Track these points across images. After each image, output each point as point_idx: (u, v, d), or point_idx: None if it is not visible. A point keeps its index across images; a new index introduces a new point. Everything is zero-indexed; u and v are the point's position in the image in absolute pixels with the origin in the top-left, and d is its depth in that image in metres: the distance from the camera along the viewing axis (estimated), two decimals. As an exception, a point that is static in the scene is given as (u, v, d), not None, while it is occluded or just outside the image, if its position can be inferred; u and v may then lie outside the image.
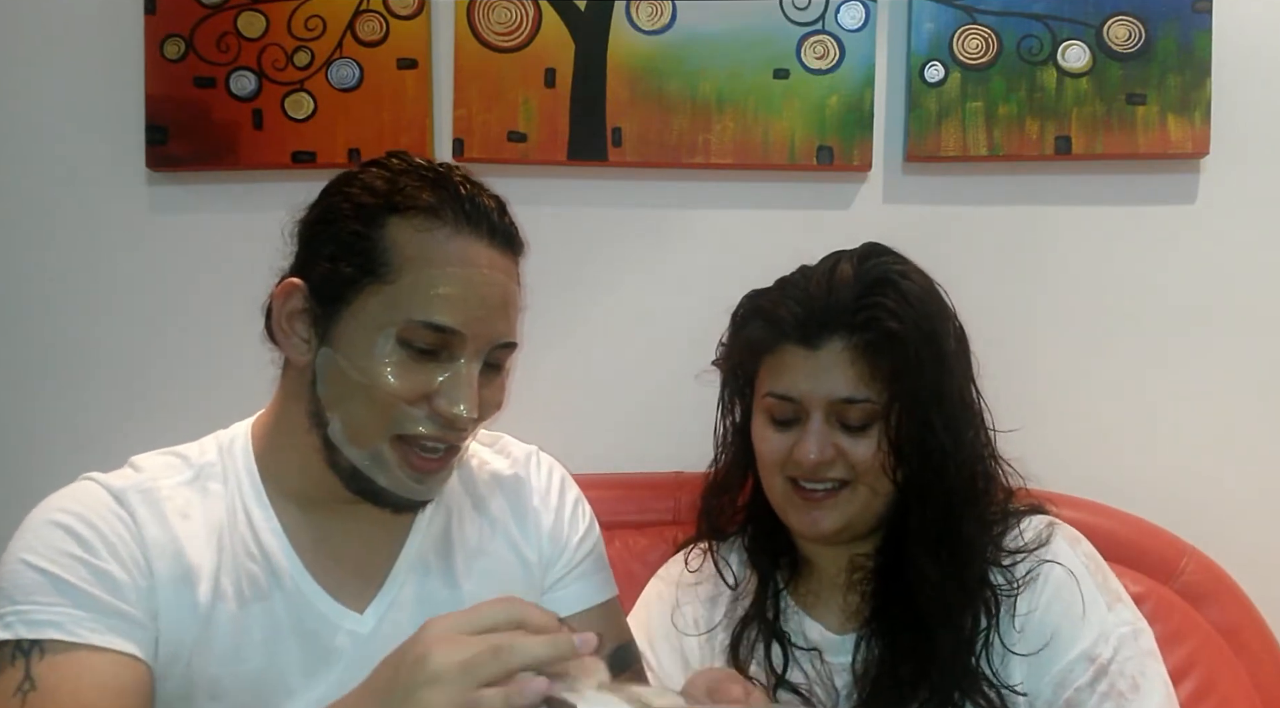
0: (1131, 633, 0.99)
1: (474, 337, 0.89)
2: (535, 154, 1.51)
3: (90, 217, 1.56)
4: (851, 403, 1.00)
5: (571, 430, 1.49)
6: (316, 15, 1.51)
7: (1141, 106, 1.47)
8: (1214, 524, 1.45)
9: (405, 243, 0.88)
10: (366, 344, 0.88)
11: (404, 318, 0.87)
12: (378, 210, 0.90)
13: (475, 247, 0.90)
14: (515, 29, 1.51)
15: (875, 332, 1.00)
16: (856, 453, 1.01)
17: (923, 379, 1.00)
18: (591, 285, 1.55)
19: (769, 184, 1.54)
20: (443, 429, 0.89)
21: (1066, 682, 0.97)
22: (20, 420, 1.56)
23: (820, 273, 1.05)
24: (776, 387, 1.04)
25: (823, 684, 1.04)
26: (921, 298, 1.02)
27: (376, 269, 0.88)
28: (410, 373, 0.88)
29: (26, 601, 0.82)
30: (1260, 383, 1.51)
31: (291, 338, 0.91)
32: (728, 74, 1.50)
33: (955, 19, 1.48)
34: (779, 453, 1.04)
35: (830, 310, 1.01)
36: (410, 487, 0.91)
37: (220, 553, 0.90)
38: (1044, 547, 1.02)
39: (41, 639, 0.81)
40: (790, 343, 1.03)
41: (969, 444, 1.03)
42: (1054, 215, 1.52)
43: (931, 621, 0.99)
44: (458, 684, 0.65)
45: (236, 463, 0.95)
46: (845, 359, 1.00)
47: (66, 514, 0.87)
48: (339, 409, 0.90)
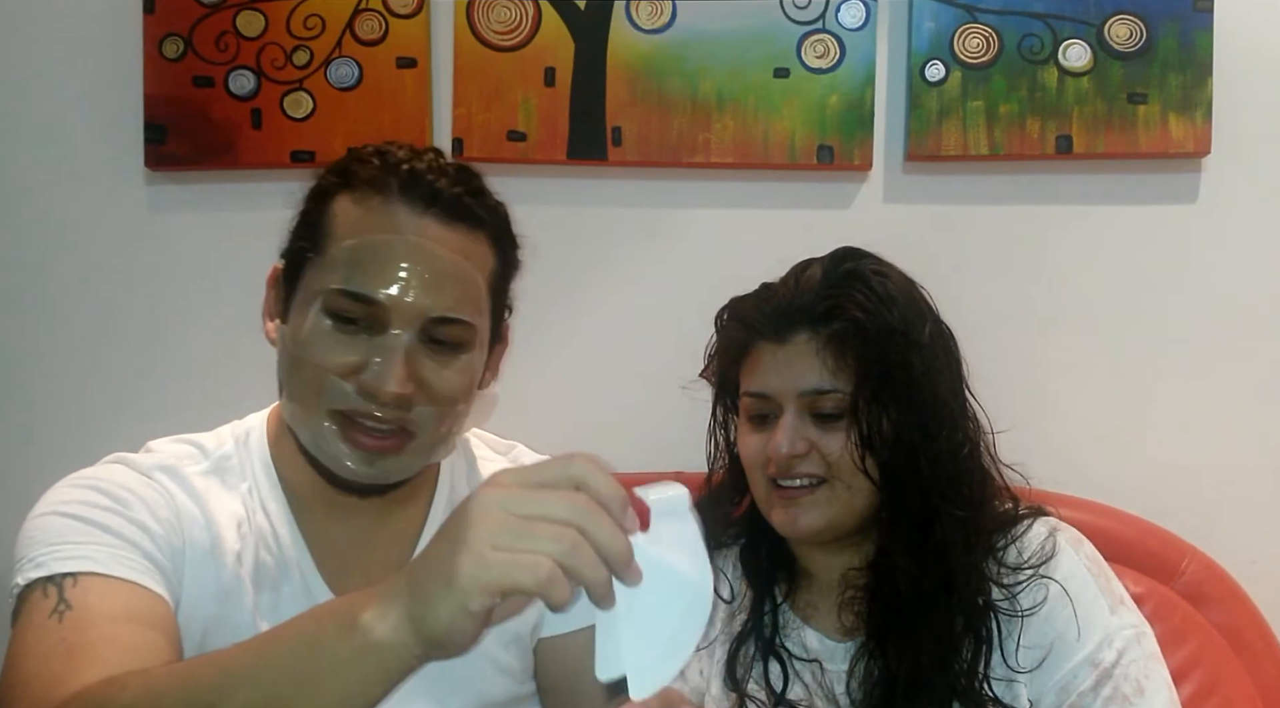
0: (1135, 636, 0.99)
1: (397, 308, 0.86)
2: (535, 153, 1.51)
3: (89, 216, 1.56)
4: (821, 394, 1.01)
5: (571, 430, 1.49)
6: (315, 14, 1.51)
7: (1143, 106, 1.47)
8: (1215, 524, 1.45)
9: (343, 215, 0.89)
10: (303, 317, 0.88)
11: (326, 286, 0.87)
12: (330, 187, 0.91)
13: (408, 216, 0.87)
14: (515, 28, 1.51)
15: (841, 322, 1.01)
16: (828, 445, 1.01)
17: (890, 371, 1.00)
18: (591, 285, 1.55)
19: (769, 184, 1.53)
20: (371, 403, 0.86)
21: (1070, 687, 0.97)
22: (19, 420, 1.56)
23: (791, 273, 1.07)
24: (751, 385, 1.05)
25: (823, 695, 1.04)
26: (892, 293, 1.03)
27: (318, 242, 0.88)
28: (337, 344, 0.86)
29: (60, 541, 0.82)
30: (1261, 382, 1.51)
31: (273, 321, 0.94)
32: (728, 73, 1.50)
33: (956, 18, 1.48)
34: (758, 453, 1.04)
35: (797, 304, 1.03)
36: (357, 469, 0.88)
37: (243, 540, 0.91)
38: (1047, 563, 1.01)
39: (75, 572, 0.80)
40: (762, 340, 1.04)
41: (943, 441, 1.02)
42: (1055, 215, 1.52)
43: (919, 625, 0.98)
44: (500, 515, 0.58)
45: (253, 457, 0.96)
46: (811, 350, 1.01)
47: (97, 480, 0.87)
48: (286, 387, 0.91)
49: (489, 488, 0.59)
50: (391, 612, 0.59)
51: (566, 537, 0.56)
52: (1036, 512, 1.07)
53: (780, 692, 1.04)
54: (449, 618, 0.57)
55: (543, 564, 0.55)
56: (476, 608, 0.56)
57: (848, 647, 1.05)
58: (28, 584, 0.81)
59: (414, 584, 0.59)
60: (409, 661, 0.59)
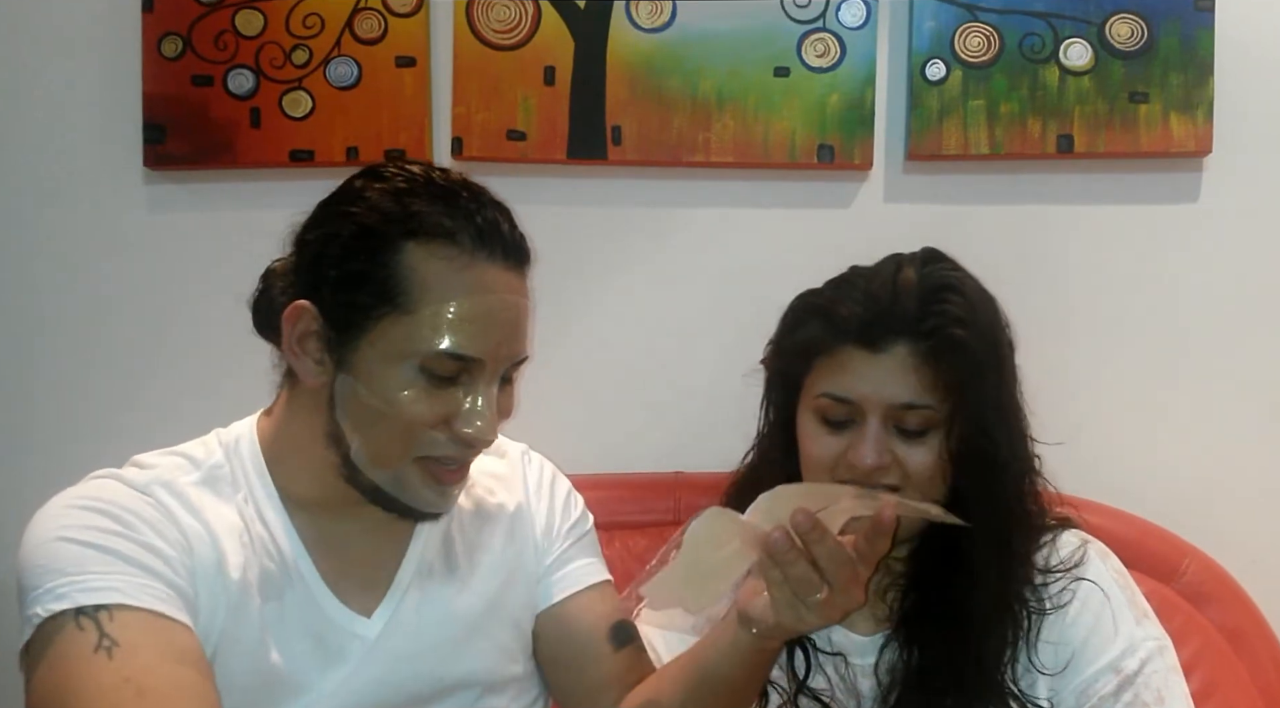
0: (1158, 648, 0.99)
1: (493, 360, 0.91)
2: (534, 153, 1.50)
3: (88, 215, 1.56)
4: (912, 409, 0.98)
5: (571, 430, 1.49)
6: (315, 13, 1.50)
7: (1144, 105, 1.47)
8: (1216, 525, 1.45)
9: (423, 271, 0.88)
10: (388, 373, 0.88)
11: (426, 349, 0.88)
12: (389, 237, 0.88)
13: (491, 271, 0.90)
14: (514, 27, 1.50)
15: (941, 338, 0.98)
16: (913, 461, 0.99)
17: (985, 388, 0.98)
18: (591, 285, 1.54)
19: (769, 183, 1.53)
20: (463, 450, 0.92)
21: (1090, 691, 0.97)
22: (18, 420, 1.56)
23: (883, 275, 1.02)
24: (833, 388, 1.01)
25: (845, 688, 1.04)
26: (983, 305, 1.02)
27: (395, 299, 0.88)
28: (432, 400, 0.89)
29: (79, 572, 0.80)
30: (1263, 382, 1.51)
31: (303, 359, 0.91)
32: (728, 72, 1.49)
33: (957, 17, 1.48)
34: (831, 456, 1.01)
35: (895, 313, 0.99)
36: (432, 501, 0.94)
37: (245, 550, 0.91)
38: (1078, 567, 1.02)
39: (106, 604, 0.79)
40: (850, 344, 1.00)
41: (1023, 457, 1.02)
42: (1056, 214, 1.52)
43: (967, 629, 0.98)
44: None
45: (246, 466, 0.95)
46: (909, 364, 0.98)
47: (93, 500, 0.86)
48: (360, 434, 0.90)
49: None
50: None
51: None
52: (1067, 521, 1.08)
53: (803, 679, 1.04)
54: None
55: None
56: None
57: (874, 640, 1.05)
58: (51, 616, 0.79)
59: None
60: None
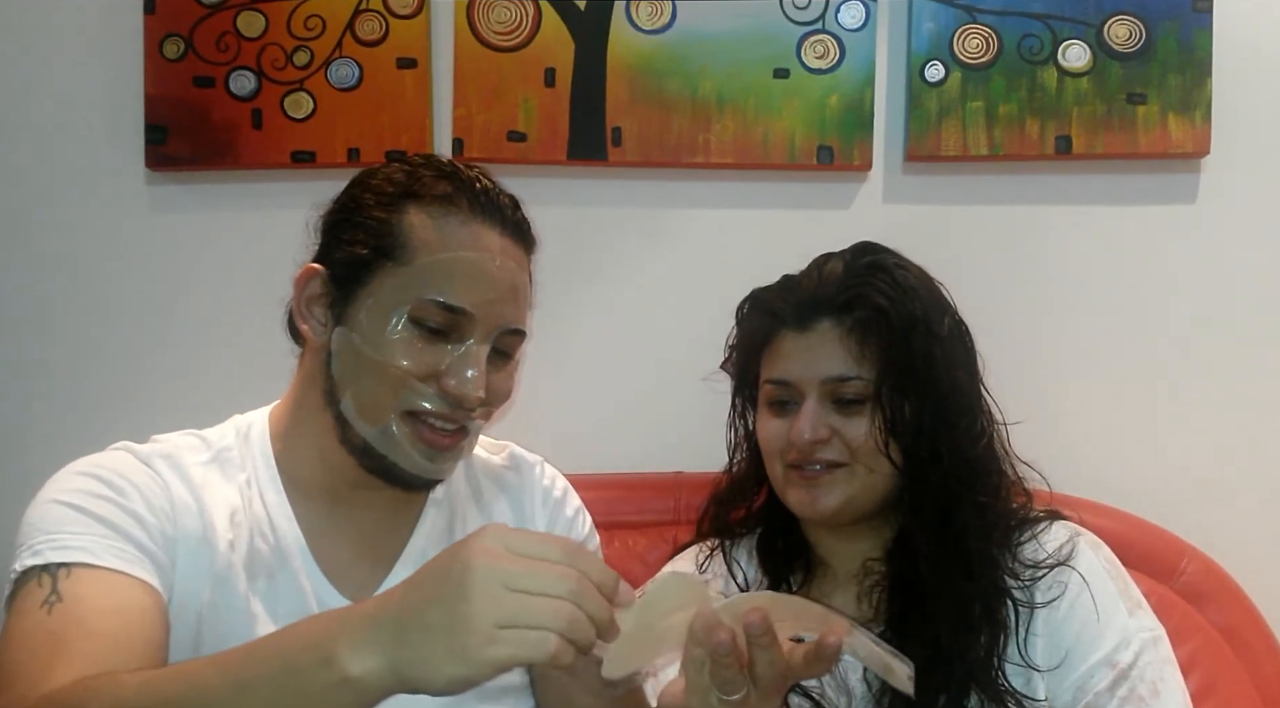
0: (1152, 639, 1.00)
1: (483, 319, 0.92)
2: (535, 154, 1.51)
3: (90, 216, 1.56)
4: (843, 381, 1.03)
5: (571, 430, 1.49)
6: (316, 15, 1.51)
7: (1142, 106, 1.47)
8: (1214, 524, 1.45)
9: (421, 227, 0.93)
10: (380, 323, 0.92)
11: (416, 297, 0.91)
12: (397, 197, 0.95)
13: (488, 233, 0.94)
14: (515, 28, 1.51)
15: (863, 309, 1.03)
16: (850, 432, 1.03)
17: (913, 358, 1.02)
18: (591, 285, 1.55)
19: (769, 184, 1.53)
20: (450, 407, 0.93)
21: (1087, 687, 0.98)
22: (19, 420, 1.56)
23: (813, 265, 1.10)
24: (773, 372, 1.07)
25: (834, 686, 1.04)
26: (913, 284, 1.05)
27: (393, 251, 0.92)
28: (421, 351, 0.92)
29: (58, 530, 0.85)
30: (1261, 383, 1.51)
31: (310, 320, 0.96)
32: (728, 73, 1.50)
33: (955, 18, 1.48)
34: (778, 439, 1.06)
35: (820, 294, 1.05)
36: (422, 464, 0.94)
37: (236, 529, 0.93)
38: (1068, 559, 1.02)
39: (69, 562, 0.83)
40: (784, 329, 1.06)
41: (963, 429, 1.04)
42: (1054, 215, 1.52)
43: (937, 610, 0.99)
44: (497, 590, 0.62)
45: (253, 449, 0.99)
46: (834, 337, 1.04)
47: (97, 467, 0.91)
48: (351, 386, 0.93)
49: (483, 558, 0.62)
50: (371, 654, 0.63)
51: (564, 612, 0.62)
52: (1055, 514, 1.09)
53: None
54: (447, 683, 0.62)
55: (550, 639, 0.61)
56: (484, 679, 0.62)
57: None
58: (24, 571, 0.84)
59: (403, 637, 0.63)
60: (386, 693, 0.64)
